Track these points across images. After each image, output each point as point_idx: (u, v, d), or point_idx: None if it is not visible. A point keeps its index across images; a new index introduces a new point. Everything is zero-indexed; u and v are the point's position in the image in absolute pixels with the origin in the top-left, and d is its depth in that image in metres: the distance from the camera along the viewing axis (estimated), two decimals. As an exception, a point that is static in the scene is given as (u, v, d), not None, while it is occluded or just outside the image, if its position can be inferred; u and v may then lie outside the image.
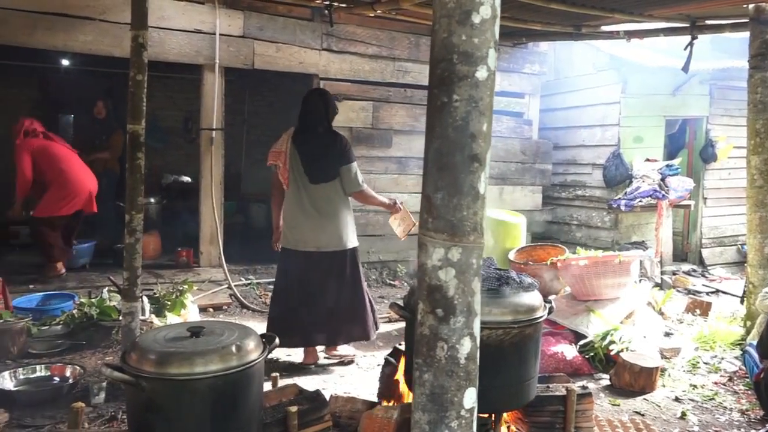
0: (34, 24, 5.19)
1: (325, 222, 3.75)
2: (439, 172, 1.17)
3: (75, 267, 5.75)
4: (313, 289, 3.78)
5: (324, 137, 3.76)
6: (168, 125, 8.97)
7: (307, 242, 3.76)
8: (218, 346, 2.09)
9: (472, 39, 1.12)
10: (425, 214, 1.18)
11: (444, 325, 1.16)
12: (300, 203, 3.76)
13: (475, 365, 1.18)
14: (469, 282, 1.15)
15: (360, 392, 3.47)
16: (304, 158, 3.73)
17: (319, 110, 3.80)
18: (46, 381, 3.44)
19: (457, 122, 1.15)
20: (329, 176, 3.72)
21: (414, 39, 6.86)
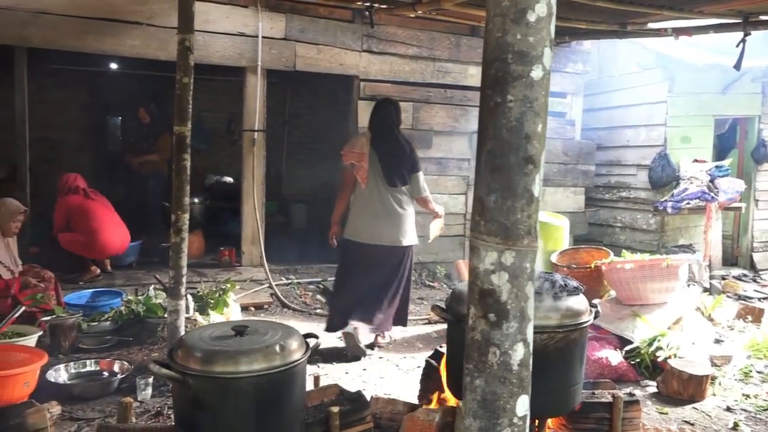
0: (85, 29, 5.36)
1: (395, 220, 4.16)
2: (492, 174, 1.15)
3: (122, 265, 5.92)
4: (374, 278, 4.18)
5: (399, 144, 4.16)
6: (211, 127, 9.15)
7: (382, 237, 4.15)
8: (262, 346, 2.11)
9: (527, 38, 1.10)
10: (477, 217, 1.16)
11: (496, 331, 1.13)
12: (375, 202, 4.14)
13: (528, 372, 1.15)
14: (523, 286, 1.13)
15: (400, 394, 3.46)
16: (384, 162, 4.12)
17: (391, 117, 4.21)
18: (96, 375, 3.55)
19: (512, 123, 1.13)
20: (404, 181, 4.15)
21: (454, 39, 6.82)
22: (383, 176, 4.12)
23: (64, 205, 5.43)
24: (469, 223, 7.03)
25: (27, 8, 5.15)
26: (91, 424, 3.00)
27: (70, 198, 5.48)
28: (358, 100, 6.44)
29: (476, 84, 6.97)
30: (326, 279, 6.21)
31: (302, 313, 5.29)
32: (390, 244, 4.16)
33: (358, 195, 4.21)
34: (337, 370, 3.96)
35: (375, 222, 4.14)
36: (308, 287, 6.03)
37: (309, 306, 5.53)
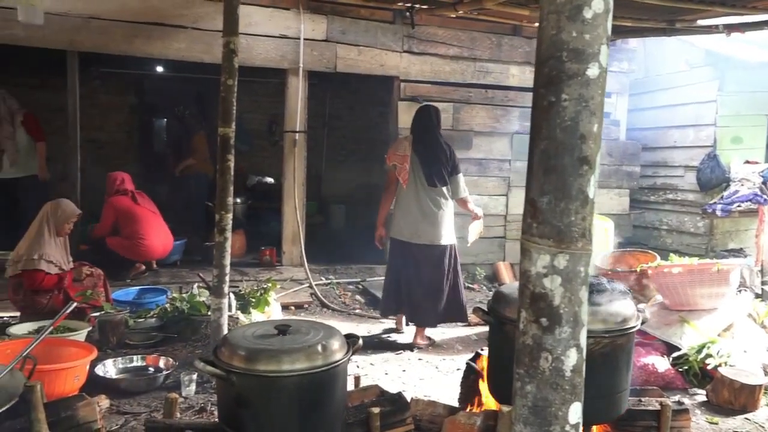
0: (133, 33, 5.51)
1: (433, 220, 4.35)
2: (545, 175, 1.13)
3: (167, 263, 6.05)
4: (420, 276, 4.37)
5: (440, 147, 4.36)
6: (253, 128, 9.29)
7: (420, 236, 4.35)
8: (304, 345, 2.13)
9: (583, 35, 1.07)
10: (529, 219, 1.14)
11: (548, 336, 1.11)
12: (415, 202, 4.35)
13: (581, 378, 1.12)
14: (576, 291, 1.10)
15: (440, 396, 3.44)
16: (424, 164, 4.33)
17: (432, 121, 4.44)
18: (143, 371, 3.64)
19: (566, 123, 1.10)
20: (444, 181, 4.34)
21: (495, 39, 6.75)
22: (423, 177, 4.33)
23: (113, 206, 5.59)
24: (509, 225, 6.99)
25: (79, 14, 5.32)
26: (137, 418, 3.08)
27: (118, 199, 5.64)
28: (399, 101, 6.44)
29: (518, 84, 6.91)
30: (365, 279, 6.23)
31: (341, 313, 5.32)
32: (429, 243, 4.36)
33: (401, 195, 4.44)
34: (377, 370, 3.96)
35: (415, 221, 4.35)
36: (347, 287, 6.06)
37: (348, 306, 5.55)
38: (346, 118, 9.86)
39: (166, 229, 5.89)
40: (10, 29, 5.10)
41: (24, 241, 4.19)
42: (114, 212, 5.57)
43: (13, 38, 5.17)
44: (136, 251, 5.59)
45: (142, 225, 5.60)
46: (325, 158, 9.56)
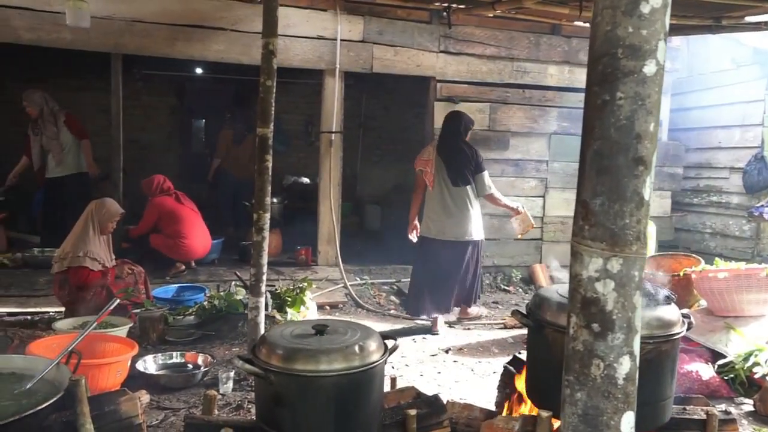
0: (174, 36, 5.62)
1: (458, 218, 4.64)
2: (598, 175, 1.09)
3: (205, 262, 6.15)
4: (445, 269, 4.67)
5: (461, 149, 4.67)
6: (289, 129, 9.38)
7: (446, 233, 4.66)
8: (342, 346, 2.12)
9: (640, 31, 1.03)
10: (581, 221, 1.11)
11: (600, 342, 1.08)
12: (442, 201, 4.67)
13: (634, 387, 1.09)
14: (630, 296, 1.07)
15: (475, 399, 3.40)
16: (448, 165, 4.65)
17: (457, 128, 4.77)
18: (181, 367, 3.70)
19: (621, 122, 1.07)
20: (467, 181, 4.65)
21: (534, 38, 6.66)
22: (448, 179, 4.67)
23: (156, 205, 5.71)
24: (546, 227, 6.93)
25: (123, 17, 5.45)
26: (176, 414, 3.13)
27: (163, 199, 5.76)
28: (435, 102, 6.41)
29: (556, 84, 6.81)
30: (400, 280, 6.22)
31: (376, 314, 5.31)
32: (453, 239, 4.67)
33: (428, 196, 4.78)
34: (412, 372, 3.95)
35: (441, 219, 4.68)
36: (382, 288, 6.05)
37: (383, 307, 5.55)
38: (381, 118, 9.88)
39: (206, 231, 6.00)
40: (58, 33, 5.26)
41: (70, 239, 4.31)
42: (157, 212, 5.69)
43: (60, 41, 5.33)
44: (178, 251, 5.70)
45: (184, 224, 5.71)
46: (360, 159, 9.60)
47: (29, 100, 5.80)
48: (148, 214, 5.74)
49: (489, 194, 4.74)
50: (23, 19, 5.21)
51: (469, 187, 4.67)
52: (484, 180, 4.68)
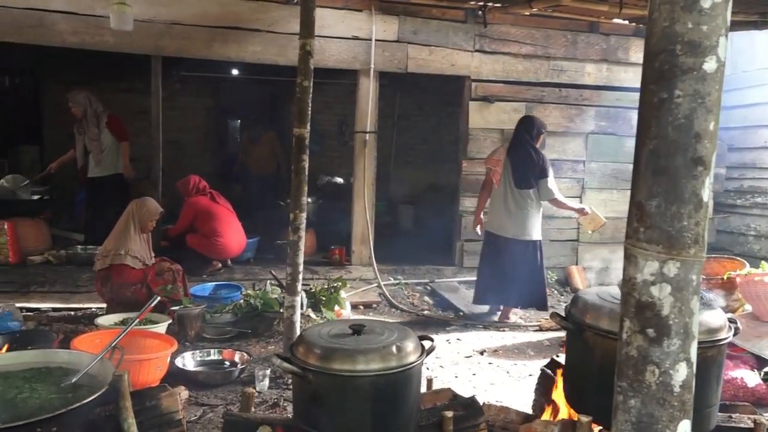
0: (212, 38, 5.71)
1: (517, 217, 4.85)
2: (654, 176, 1.06)
3: (241, 261, 6.23)
4: (504, 265, 4.89)
5: (528, 154, 4.84)
6: (323, 129, 9.43)
7: (506, 230, 4.90)
8: (379, 346, 2.12)
9: (700, 26, 1.00)
10: (635, 223, 1.08)
11: (656, 348, 1.05)
12: (505, 201, 4.89)
13: (690, 395, 1.06)
14: (687, 301, 1.03)
15: (511, 401, 3.36)
16: (514, 168, 4.85)
17: (529, 132, 4.93)
18: (219, 364, 3.76)
19: (679, 121, 1.03)
20: (529, 185, 4.83)
21: (571, 36, 6.56)
22: (512, 180, 4.86)
23: (193, 205, 5.81)
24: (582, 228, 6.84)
25: (162, 20, 5.56)
26: (214, 410, 3.17)
27: (198, 199, 5.86)
28: (469, 101, 6.37)
29: (594, 82, 6.69)
30: (433, 280, 6.20)
31: (410, 314, 5.30)
32: (512, 237, 4.88)
33: (494, 193, 5.02)
34: (447, 373, 3.93)
35: (502, 216, 4.92)
36: (415, 288, 6.04)
37: (416, 307, 5.53)
38: (415, 118, 9.86)
39: (241, 229, 6.08)
40: (101, 36, 5.40)
41: (111, 237, 4.42)
42: (193, 211, 5.79)
43: (103, 44, 5.47)
44: (213, 249, 5.79)
45: (220, 223, 5.80)
46: (393, 159, 9.58)
47: (74, 101, 5.96)
48: (185, 213, 5.85)
49: (552, 199, 4.90)
50: (68, 23, 5.36)
51: (531, 190, 4.85)
52: (547, 185, 4.84)
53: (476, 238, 6.56)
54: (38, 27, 5.31)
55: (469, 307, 5.43)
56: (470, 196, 6.53)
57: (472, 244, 6.57)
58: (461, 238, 6.56)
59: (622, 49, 6.71)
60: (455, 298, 5.69)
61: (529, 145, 4.89)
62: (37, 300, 4.85)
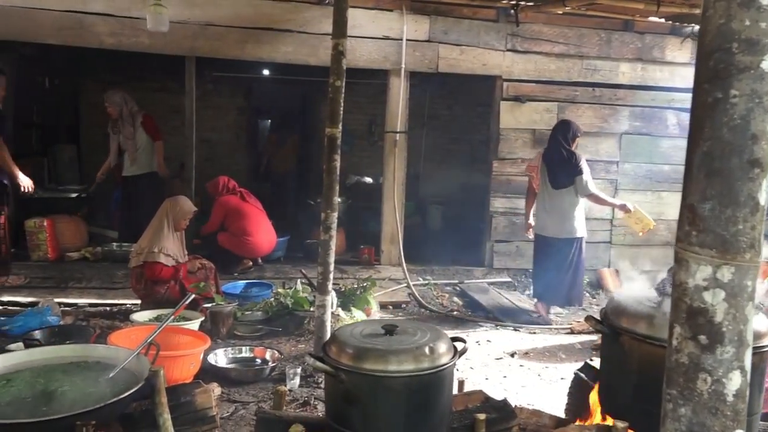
0: (245, 39, 5.77)
1: (556, 217, 5.00)
2: (707, 178, 1.03)
3: (271, 259, 6.29)
4: (548, 264, 5.05)
5: (561, 155, 4.98)
6: (353, 129, 9.45)
7: (547, 229, 5.07)
8: (412, 347, 2.11)
9: (759, 24, 0.96)
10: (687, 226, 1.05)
11: (708, 355, 1.02)
12: (544, 202, 5.09)
13: (744, 404, 1.02)
14: (742, 307, 1.00)
15: (542, 405, 3.32)
16: (549, 170, 5.05)
17: (564, 135, 5.05)
18: (250, 362, 3.80)
19: (735, 121, 1.00)
20: (564, 184, 4.96)
21: (605, 35, 6.46)
22: (548, 181, 5.04)
23: (223, 204, 5.88)
24: (615, 230, 6.78)
25: (197, 21, 5.65)
26: (246, 407, 3.21)
27: (228, 198, 5.93)
28: (501, 101, 6.32)
29: (628, 82, 6.58)
30: (463, 281, 6.16)
31: (439, 315, 5.28)
32: (552, 236, 5.04)
33: (537, 197, 5.24)
34: (477, 375, 3.90)
35: (543, 217, 5.11)
36: (445, 289, 6.02)
37: (446, 308, 5.51)
38: (444, 118, 9.81)
39: (271, 228, 6.13)
40: (137, 37, 5.51)
41: (146, 235, 4.50)
42: (224, 210, 5.86)
43: (139, 45, 5.57)
44: (244, 247, 5.86)
45: (249, 222, 5.86)
46: (423, 158, 9.56)
47: (110, 101, 6.08)
48: (215, 212, 5.92)
49: (590, 194, 4.98)
50: (106, 25, 5.48)
51: (568, 189, 4.97)
52: (582, 182, 4.92)
53: (506, 239, 6.55)
54: (77, 29, 5.44)
55: (499, 308, 5.39)
56: (500, 197, 6.49)
57: (502, 245, 6.54)
58: (491, 239, 6.52)
59: (658, 48, 6.58)
60: (485, 299, 5.65)
61: (562, 147, 5.00)
62: (75, 295, 4.97)
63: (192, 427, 2.33)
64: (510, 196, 6.48)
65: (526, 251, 6.50)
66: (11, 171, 4.86)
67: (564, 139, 5.03)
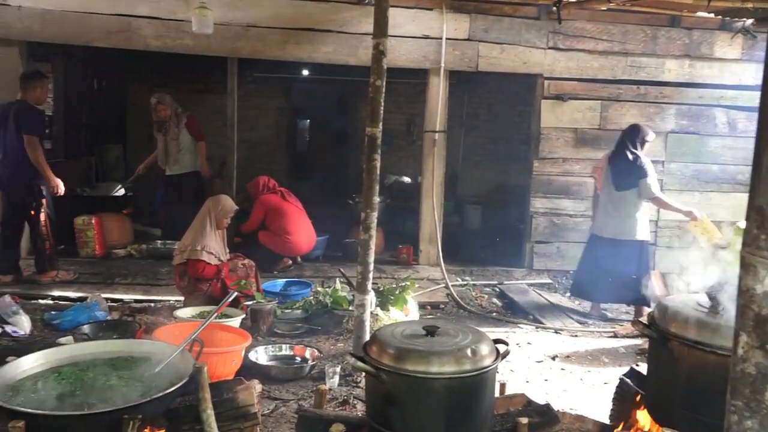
0: (286, 39, 5.84)
1: (619, 218, 4.99)
2: None
3: (310, 258, 6.33)
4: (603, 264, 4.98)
5: (626, 158, 4.96)
6: (391, 128, 9.45)
7: (607, 230, 5.07)
8: (453, 348, 2.09)
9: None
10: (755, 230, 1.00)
11: (778, 365, 0.97)
12: (606, 203, 5.08)
13: (816, 417, 0.97)
14: (817, 315, 0.95)
15: (585, 410, 3.25)
16: (613, 171, 5.02)
17: (632, 139, 5.03)
18: (290, 360, 3.83)
19: None
20: (626, 186, 4.95)
21: (651, 31, 6.29)
22: (612, 183, 5.03)
23: (264, 203, 5.96)
24: (660, 232, 6.64)
25: (239, 23, 5.73)
26: (286, 404, 3.23)
27: (268, 197, 6.00)
28: (542, 100, 6.23)
29: (675, 79, 6.40)
30: (502, 282, 6.09)
31: (478, 316, 5.23)
32: (611, 237, 5.02)
33: (600, 198, 5.25)
34: (518, 378, 3.84)
35: (604, 218, 5.11)
36: (484, 289, 5.95)
37: (485, 309, 5.45)
38: (483, 117, 9.73)
39: (311, 227, 6.17)
40: (181, 39, 5.63)
41: (189, 233, 4.58)
42: (264, 209, 5.94)
43: (184, 47, 5.70)
44: (284, 246, 5.92)
45: (289, 221, 5.92)
46: (461, 158, 9.49)
47: (164, 102, 6.21)
48: (256, 211, 6.00)
49: (654, 198, 4.96)
50: (152, 28, 5.62)
51: (631, 192, 4.94)
52: (646, 185, 4.90)
53: (546, 240, 6.45)
54: (125, 32, 5.59)
55: (539, 310, 5.31)
56: (541, 197, 6.39)
57: (543, 245, 6.44)
58: (531, 240, 6.43)
59: (707, 44, 6.37)
60: (525, 300, 5.57)
61: (628, 150, 4.99)
62: (121, 291, 5.11)
63: (234, 424, 2.36)
64: (551, 196, 6.38)
65: (567, 252, 6.40)
66: (44, 171, 5.01)
67: (632, 143, 5.01)
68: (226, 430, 2.27)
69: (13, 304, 4.30)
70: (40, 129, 5.20)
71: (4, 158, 5.12)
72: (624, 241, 4.99)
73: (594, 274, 5.11)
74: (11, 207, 5.20)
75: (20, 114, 4.99)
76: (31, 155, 4.94)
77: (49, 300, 4.90)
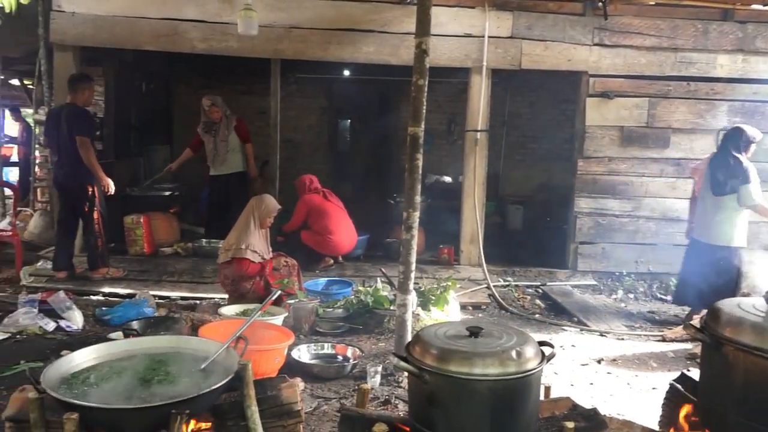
0: (328, 40, 5.88)
1: (713, 222, 4.89)
2: None
3: (351, 257, 6.36)
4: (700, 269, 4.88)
5: (727, 162, 4.85)
6: (432, 127, 9.41)
7: (702, 234, 4.98)
8: (498, 350, 2.06)
9: None
10: None
11: None
12: (704, 207, 5.01)
13: None
14: None
15: (633, 416, 3.17)
16: (712, 175, 4.93)
17: (734, 142, 4.88)
18: (332, 358, 3.85)
19: None
20: (724, 191, 4.85)
21: (702, 26, 6.09)
22: (710, 187, 4.93)
23: (306, 202, 6.03)
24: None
25: (282, 24, 5.81)
26: (328, 403, 3.25)
27: (311, 197, 6.07)
28: (587, 98, 6.10)
29: (727, 75, 6.18)
30: (545, 283, 6.00)
31: (521, 317, 5.16)
32: (707, 242, 4.94)
33: (698, 201, 5.14)
34: (562, 381, 3.77)
35: (702, 222, 5.02)
36: (526, 291, 5.87)
37: (527, 310, 5.37)
38: (526, 116, 9.60)
39: (352, 227, 6.21)
40: (226, 41, 5.73)
41: (233, 232, 4.66)
42: (306, 209, 6.01)
43: (228, 49, 5.80)
44: (325, 245, 5.97)
45: (331, 221, 5.97)
46: (503, 157, 9.39)
47: (217, 104, 6.32)
48: (299, 210, 6.07)
49: (753, 205, 4.81)
50: (198, 31, 5.74)
51: (729, 197, 4.83)
52: (746, 192, 4.77)
53: (591, 241, 6.32)
54: (172, 35, 5.73)
55: (584, 312, 5.20)
56: (585, 197, 6.27)
57: (587, 246, 6.31)
58: (575, 240, 6.31)
59: (761, 38, 6.13)
60: (569, 302, 5.47)
61: (729, 154, 4.87)
62: (168, 288, 5.23)
63: (278, 421, 2.38)
64: (596, 196, 6.25)
65: (613, 253, 6.26)
66: (96, 172, 5.17)
67: (734, 147, 4.85)
68: (269, 426, 2.30)
69: (67, 300, 4.46)
70: (90, 130, 5.37)
71: (58, 159, 5.32)
72: (719, 247, 4.87)
73: (693, 279, 4.97)
74: (66, 206, 5.40)
75: (71, 116, 5.17)
76: (84, 156, 5.12)
77: (100, 296, 5.06)
